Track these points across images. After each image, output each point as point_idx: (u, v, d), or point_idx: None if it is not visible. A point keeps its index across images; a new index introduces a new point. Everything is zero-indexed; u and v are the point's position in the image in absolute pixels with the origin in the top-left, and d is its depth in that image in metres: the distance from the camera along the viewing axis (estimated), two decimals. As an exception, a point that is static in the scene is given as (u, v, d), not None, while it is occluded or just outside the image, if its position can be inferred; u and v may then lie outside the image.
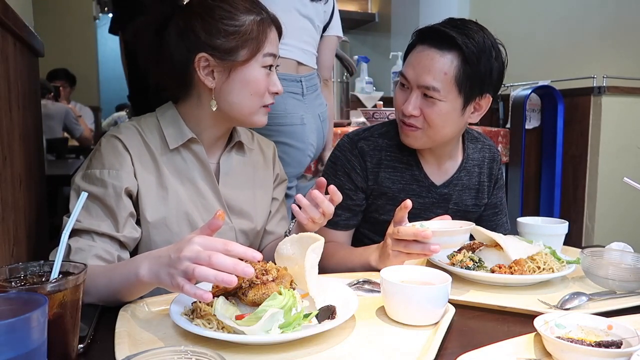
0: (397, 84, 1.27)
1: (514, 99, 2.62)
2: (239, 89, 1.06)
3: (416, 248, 1.00)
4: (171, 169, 1.09)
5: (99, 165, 1.02)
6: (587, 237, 2.54)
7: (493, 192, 1.43)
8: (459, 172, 1.34)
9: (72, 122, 4.12)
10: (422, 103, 1.19)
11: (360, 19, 4.14)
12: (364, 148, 1.29)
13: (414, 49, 1.22)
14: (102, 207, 1.00)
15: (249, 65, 1.05)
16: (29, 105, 1.44)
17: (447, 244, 1.02)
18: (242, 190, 1.18)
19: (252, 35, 1.04)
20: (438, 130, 1.20)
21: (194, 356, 0.54)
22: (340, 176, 1.30)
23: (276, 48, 1.09)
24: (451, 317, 0.84)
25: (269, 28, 1.07)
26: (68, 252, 0.95)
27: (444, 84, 1.16)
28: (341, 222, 1.31)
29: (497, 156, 1.45)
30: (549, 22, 2.96)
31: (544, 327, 0.73)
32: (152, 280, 0.80)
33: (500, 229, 1.44)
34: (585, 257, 1.05)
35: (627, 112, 2.50)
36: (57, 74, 4.43)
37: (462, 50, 1.15)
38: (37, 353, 0.54)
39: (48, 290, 0.63)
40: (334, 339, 0.76)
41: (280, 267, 0.84)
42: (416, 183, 1.31)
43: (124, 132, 1.07)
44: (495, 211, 1.45)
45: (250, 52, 1.05)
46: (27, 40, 1.38)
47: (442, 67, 1.15)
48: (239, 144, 1.19)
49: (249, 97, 1.07)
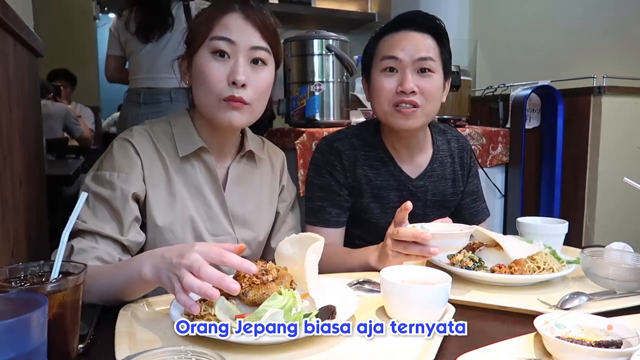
0: (377, 75, 1.28)
1: (514, 99, 2.62)
2: (195, 81, 1.04)
3: (415, 250, 1.00)
4: (180, 177, 1.08)
5: (109, 168, 1.02)
6: (587, 237, 2.54)
7: (468, 179, 1.49)
8: (432, 164, 1.40)
9: (72, 122, 4.11)
10: (417, 79, 1.24)
11: (360, 19, 4.13)
12: (339, 148, 1.35)
13: (387, 36, 1.28)
14: (108, 210, 1.00)
15: (199, 52, 1.02)
16: (29, 105, 1.44)
17: (446, 246, 1.03)
18: (248, 200, 1.17)
19: (202, 21, 1.02)
20: (434, 104, 1.28)
21: (194, 356, 0.54)
22: (324, 174, 1.35)
23: (231, 33, 1.00)
24: (451, 317, 0.84)
25: (223, 13, 1.02)
26: (70, 252, 0.95)
27: (435, 56, 1.25)
28: (332, 219, 1.34)
29: (466, 145, 1.50)
30: (549, 22, 2.96)
31: (544, 327, 0.73)
32: (154, 278, 0.80)
33: (481, 214, 1.53)
34: (585, 257, 1.05)
35: (627, 112, 2.50)
36: (57, 74, 4.42)
37: (439, 31, 1.27)
38: (37, 353, 0.54)
39: (48, 290, 0.63)
40: (334, 339, 0.76)
41: (280, 267, 0.84)
42: (393, 178, 1.36)
43: (136, 136, 1.06)
44: (473, 198, 1.51)
45: (200, 39, 1.01)
46: (27, 40, 1.38)
47: (429, 42, 1.26)
48: (250, 153, 1.17)
49: (202, 88, 1.02)
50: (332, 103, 2.18)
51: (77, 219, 0.96)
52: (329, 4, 4.08)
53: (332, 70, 2.15)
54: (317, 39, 2.12)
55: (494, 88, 2.96)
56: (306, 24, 3.85)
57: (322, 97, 2.15)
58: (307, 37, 2.13)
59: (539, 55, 3.01)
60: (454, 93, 2.51)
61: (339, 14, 4.04)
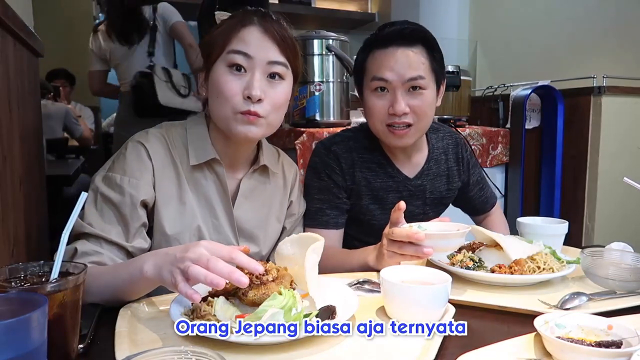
0: (368, 94, 1.29)
1: (514, 99, 2.62)
2: (211, 93, 1.04)
3: (409, 250, 1.00)
4: (191, 185, 1.07)
5: (120, 171, 1.01)
6: (587, 237, 2.54)
7: (470, 171, 1.51)
8: (428, 163, 1.41)
9: (72, 122, 4.11)
10: (408, 98, 1.24)
11: (360, 19, 4.14)
12: (337, 151, 1.35)
13: (376, 53, 1.26)
14: (116, 214, 0.99)
15: (215, 65, 1.02)
16: (29, 105, 1.45)
17: (441, 247, 1.02)
18: (256, 215, 1.16)
19: (220, 33, 1.02)
20: (427, 120, 1.28)
21: (194, 356, 0.54)
22: (324, 177, 1.35)
23: (249, 47, 1.00)
24: (451, 317, 0.84)
25: (241, 25, 1.01)
26: (73, 254, 0.95)
27: (425, 72, 1.24)
28: (331, 221, 1.34)
29: (460, 140, 1.51)
30: (549, 22, 2.96)
31: (544, 327, 0.73)
32: (155, 276, 0.80)
33: (491, 200, 1.59)
34: (585, 257, 1.05)
35: (627, 112, 2.50)
36: (56, 74, 4.42)
37: (428, 40, 1.26)
38: (37, 353, 0.54)
39: (48, 290, 0.63)
40: (334, 339, 0.76)
41: (280, 267, 0.84)
42: (391, 179, 1.36)
43: (151, 140, 1.05)
44: (480, 187, 1.56)
45: (217, 52, 1.01)
46: (27, 40, 1.38)
47: (419, 58, 1.24)
48: (263, 167, 1.15)
49: (218, 101, 1.01)
50: (332, 103, 2.18)
51: (82, 220, 0.97)
52: (329, 4, 4.09)
53: (332, 70, 2.15)
54: (317, 39, 2.12)
55: (494, 88, 2.96)
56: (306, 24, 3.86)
57: (322, 97, 2.15)
58: (307, 37, 2.13)
59: (539, 55, 3.01)
60: (454, 93, 2.51)
61: (339, 14, 4.05)
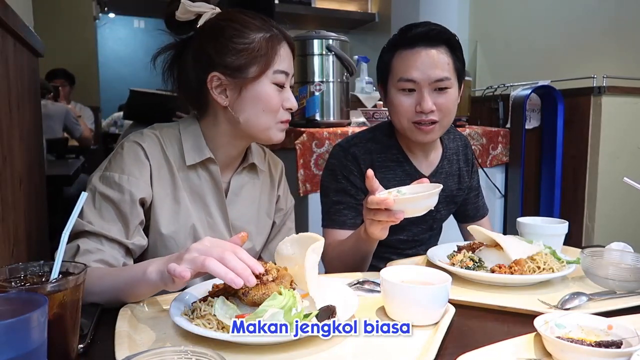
0: (394, 93, 1.31)
1: (514, 99, 2.62)
2: (252, 105, 1.07)
3: (383, 216, 1.03)
4: (185, 185, 1.10)
5: (118, 170, 1.03)
6: (587, 237, 2.54)
7: (471, 175, 1.56)
8: (442, 162, 1.46)
9: (72, 122, 4.11)
10: (435, 97, 1.28)
11: (360, 19, 4.14)
12: (356, 153, 1.37)
13: (402, 54, 1.30)
14: (115, 212, 1.01)
15: (260, 81, 1.06)
16: (29, 105, 1.45)
17: (411, 209, 1.02)
18: (247, 211, 1.20)
19: (262, 52, 1.05)
20: (451, 116, 1.32)
21: (194, 356, 0.54)
22: (341, 179, 1.37)
23: (288, 65, 1.10)
24: (451, 317, 0.84)
25: (279, 44, 1.08)
26: (75, 252, 0.96)
27: (450, 72, 1.29)
28: (348, 222, 1.36)
29: (467, 143, 1.58)
30: (549, 22, 2.96)
31: (544, 327, 0.73)
32: (157, 277, 0.82)
33: (483, 209, 1.62)
34: (585, 257, 1.05)
35: (627, 112, 2.50)
36: (56, 74, 4.42)
37: (450, 41, 1.30)
38: (37, 353, 0.54)
39: (48, 290, 0.63)
40: (334, 339, 0.76)
41: (280, 267, 0.84)
42: (409, 177, 1.38)
43: (147, 140, 1.07)
44: (476, 193, 1.60)
45: (260, 69, 1.06)
46: (27, 40, 1.38)
47: (444, 58, 1.28)
48: (252, 165, 1.20)
49: (262, 113, 1.08)
50: (332, 103, 2.18)
51: (82, 219, 0.98)
52: (329, 4, 4.09)
53: (332, 70, 2.15)
54: (317, 39, 2.12)
55: (494, 88, 2.96)
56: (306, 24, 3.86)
57: (322, 97, 2.15)
58: (307, 37, 2.13)
59: (539, 55, 3.01)
60: (454, 93, 2.51)
61: (339, 14, 4.05)
